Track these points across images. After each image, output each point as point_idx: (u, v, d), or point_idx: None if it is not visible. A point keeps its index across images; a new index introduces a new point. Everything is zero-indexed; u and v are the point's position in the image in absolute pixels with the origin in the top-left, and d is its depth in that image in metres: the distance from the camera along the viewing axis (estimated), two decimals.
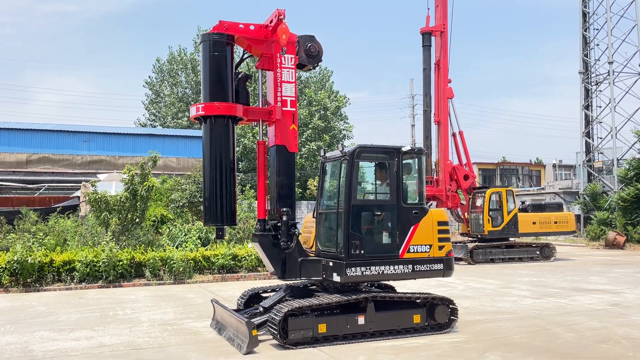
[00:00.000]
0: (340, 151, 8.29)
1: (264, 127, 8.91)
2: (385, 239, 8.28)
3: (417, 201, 8.56)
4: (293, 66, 8.61)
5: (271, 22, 8.43)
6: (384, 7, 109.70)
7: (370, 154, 8.44)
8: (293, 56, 8.61)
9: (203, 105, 8.19)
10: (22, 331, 8.96)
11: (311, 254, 8.64)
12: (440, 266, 8.41)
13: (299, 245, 8.31)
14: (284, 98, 8.51)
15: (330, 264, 8.16)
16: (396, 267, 8.17)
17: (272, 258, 8.26)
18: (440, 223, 8.48)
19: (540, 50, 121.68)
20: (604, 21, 32.28)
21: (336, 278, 7.99)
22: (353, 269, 7.90)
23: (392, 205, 8.23)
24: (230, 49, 8.40)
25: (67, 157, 31.78)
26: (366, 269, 7.97)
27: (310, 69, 9.04)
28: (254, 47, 8.66)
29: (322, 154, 9.00)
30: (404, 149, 8.36)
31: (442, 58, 20.64)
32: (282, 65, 8.52)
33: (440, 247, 8.41)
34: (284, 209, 8.21)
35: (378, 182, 8.61)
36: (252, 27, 8.55)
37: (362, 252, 7.96)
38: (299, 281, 8.66)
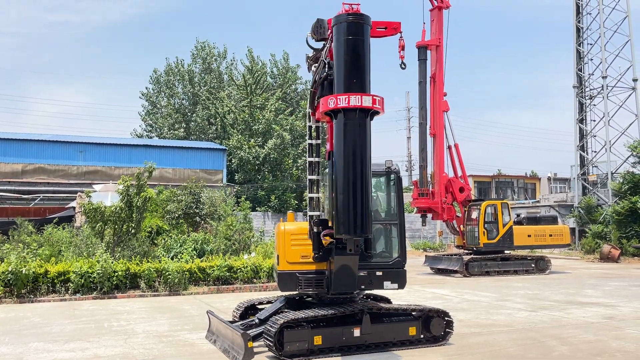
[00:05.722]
0: (388, 167, 8.59)
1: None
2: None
3: None
4: None
5: (382, 28, 8.38)
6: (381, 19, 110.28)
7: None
8: None
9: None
10: (16, 342, 8.92)
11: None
12: None
13: None
14: None
15: (379, 273, 8.29)
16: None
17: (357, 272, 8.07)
18: None
19: (537, 63, 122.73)
20: (598, 36, 32.64)
21: (391, 286, 8.33)
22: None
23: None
24: (369, 32, 7.62)
25: (62, 167, 31.71)
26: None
27: None
28: None
29: None
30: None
31: (438, 72, 20.78)
32: None
33: None
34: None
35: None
36: None
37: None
38: (294, 292, 8.67)
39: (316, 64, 8.41)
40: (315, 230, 7.90)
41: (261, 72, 42.97)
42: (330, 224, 7.90)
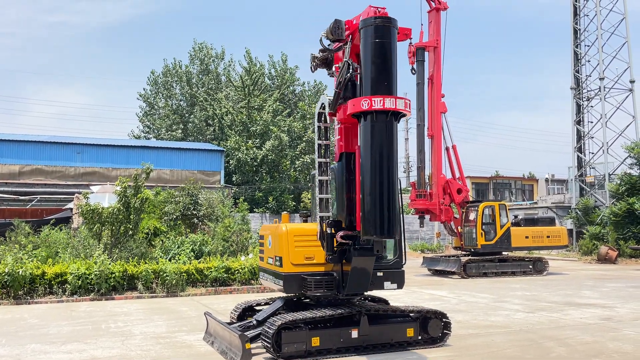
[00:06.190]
0: None
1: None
2: None
3: None
4: None
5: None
6: None
7: None
8: None
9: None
10: (14, 344, 8.89)
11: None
12: None
13: None
14: None
15: (379, 274, 8.24)
16: None
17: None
18: None
19: (536, 64, 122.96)
20: (595, 38, 32.72)
21: (390, 286, 8.27)
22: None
23: None
24: (396, 35, 7.73)
25: (60, 168, 31.67)
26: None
27: None
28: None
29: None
30: None
31: (435, 73, 20.81)
32: None
33: None
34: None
35: None
36: None
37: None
38: (292, 294, 8.65)
39: (337, 65, 8.31)
40: (329, 231, 7.83)
41: (259, 74, 42.95)
42: (343, 225, 7.90)
